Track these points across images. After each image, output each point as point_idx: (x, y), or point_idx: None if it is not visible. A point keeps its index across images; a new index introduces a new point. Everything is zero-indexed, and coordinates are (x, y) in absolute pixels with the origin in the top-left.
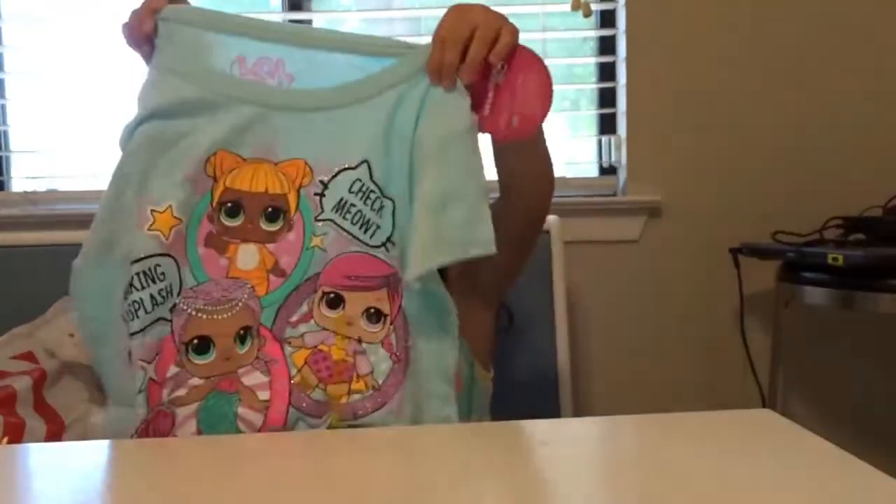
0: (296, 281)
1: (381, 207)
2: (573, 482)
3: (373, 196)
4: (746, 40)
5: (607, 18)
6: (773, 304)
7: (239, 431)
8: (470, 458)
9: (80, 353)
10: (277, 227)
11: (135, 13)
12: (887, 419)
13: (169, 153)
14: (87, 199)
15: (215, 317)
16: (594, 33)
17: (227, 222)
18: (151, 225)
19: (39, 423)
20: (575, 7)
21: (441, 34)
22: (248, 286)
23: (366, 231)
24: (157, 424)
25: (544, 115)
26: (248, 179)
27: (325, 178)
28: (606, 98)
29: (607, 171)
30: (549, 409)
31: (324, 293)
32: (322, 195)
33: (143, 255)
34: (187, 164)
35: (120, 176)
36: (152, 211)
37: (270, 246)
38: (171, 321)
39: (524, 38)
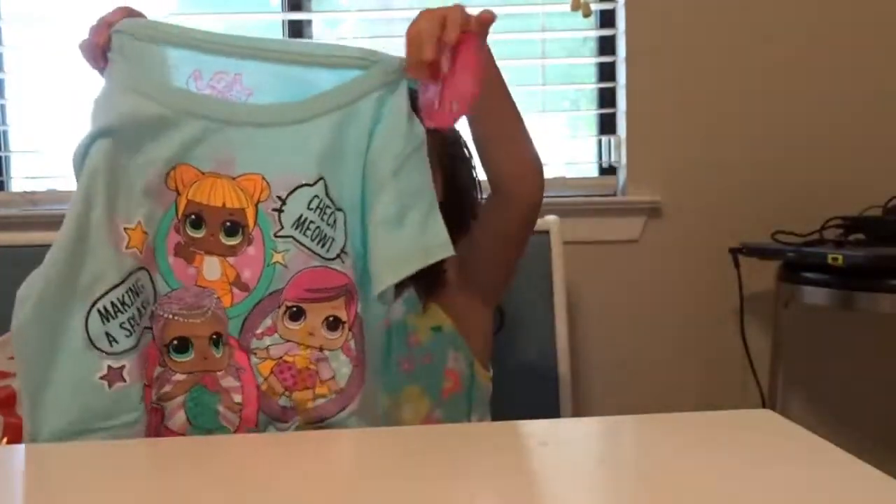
0: (259, 295)
1: (335, 220)
2: (573, 482)
3: (328, 211)
4: (746, 40)
5: (607, 18)
6: (773, 304)
7: (223, 426)
8: (470, 458)
9: None
10: (237, 242)
11: (91, 28)
12: (887, 419)
13: (129, 170)
14: None
15: (190, 320)
16: (594, 33)
17: (192, 233)
18: (128, 243)
19: None
20: (575, 7)
21: (412, 30)
22: (215, 296)
23: (323, 245)
24: (149, 422)
25: (475, 92)
26: (207, 193)
27: (283, 194)
28: (606, 98)
29: (607, 171)
30: (549, 409)
31: (287, 307)
32: (280, 211)
33: (127, 274)
34: (149, 180)
35: (83, 197)
36: (125, 229)
37: (231, 259)
38: (150, 328)
39: (524, 38)
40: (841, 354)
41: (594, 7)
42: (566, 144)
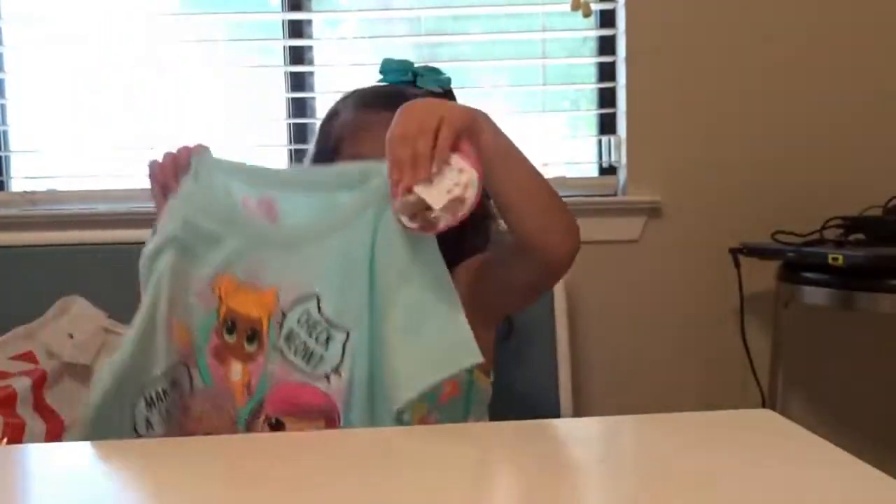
0: (256, 400)
1: (329, 339)
2: (573, 482)
3: (318, 328)
4: (746, 40)
5: (607, 18)
6: (773, 304)
7: None
8: (469, 457)
9: (80, 353)
10: (254, 349)
11: (169, 154)
12: (887, 419)
13: (187, 275)
14: (87, 199)
15: (214, 418)
16: (594, 33)
17: (227, 338)
18: (175, 339)
19: (39, 424)
20: (575, 7)
21: (389, 138)
22: (234, 397)
23: (308, 361)
24: None
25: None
26: (241, 302)
27: (286, 309)
28: (606, 98)
29: (607, 171)
30: (549, 409)
31: (267, 417)
32: (280, 324)
33: (170, 367)
34: (200, 286)
35: (152, 300)
36: (178, 326)
37: (249, 366)
38: (178, 416)
39: (524, 38)
40: (841, 354)
41: (594, 7)
42: (566, 144)
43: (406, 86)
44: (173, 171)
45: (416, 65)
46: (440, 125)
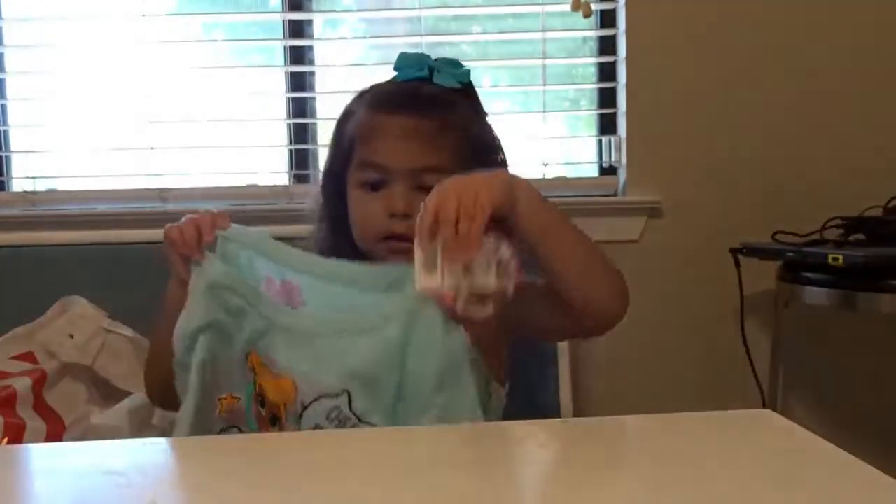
0: None
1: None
2: (573, 482)
3: (349, 423)
4: (746, 40)
5: (607, 18)
6: (773, 304)
7: None
8: (469, 458)
9: (80, 353)
10: (276, 432)
11: (193, 222)
12: (887, 419)
13: (225, 354)
14: (87, 199)
15: None
16: (594, 33)
17: (261, 411)
18: (220, 411)
19: (40, 424)
20: (575, 7)
21: (420, 226)
22: None
23: None
24: None
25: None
26: (266, 382)
27: (306, 401)
28: (606, 98)
29: (607, 171)
30: (549, 409)
31: None
32: (300, 416)
33: (222, 427)
34: (237, 360)
35: (200, 385)
36: (219, 399)
37: None
38: None
39: (524, 38)
40: (841, 354)
41: (594, 7)
42: (566, 144)
43: (422, 82)
44: (197, 242)
45: (434, 58)
46: (476, 205)
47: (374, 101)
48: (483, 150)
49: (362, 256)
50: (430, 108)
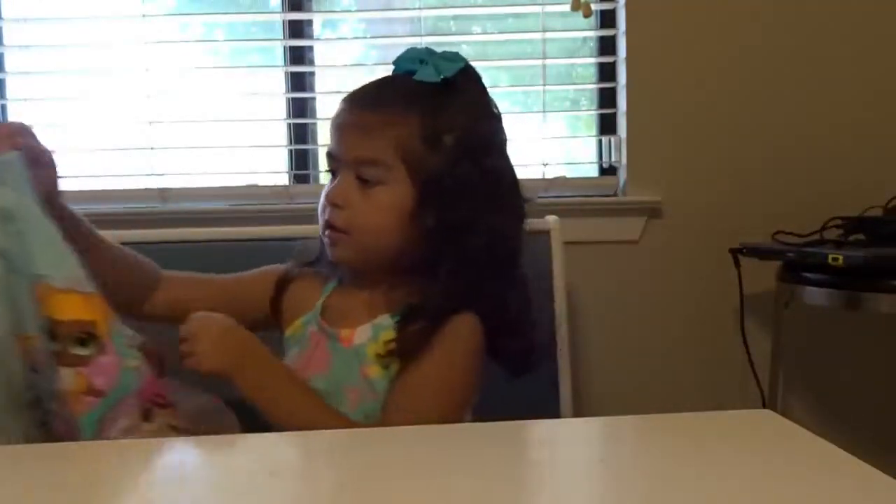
0: (112, 399)
1: None
2: (573, 482)
3: None
4: (746, 40)
5: (607, 18)
6: (773, 304)
7: None
8: (469, 458)
9: None
10: (90, 352)
11: None
12: (887, 419)
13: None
14: (87, 199)
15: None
16: (594, 33)
17: (50, 346)
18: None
19: None
20: (575, 7)
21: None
22: (69, 406)
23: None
24: None
25: None
26: (61, 309)
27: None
28: (606, 98)
29: (607, 171)
30: (549, 409)
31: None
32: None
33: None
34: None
35: None
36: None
37: (83, 369)
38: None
39: (524, 38)
40: (841, 354)
41: (594, 7)
42: (566, 144)
43: (406, 75)
44: None
45: (434, 52)
46: (191, 361)
47: (346, 97)
48: (453, 147)
49: None
50: (377, 102)
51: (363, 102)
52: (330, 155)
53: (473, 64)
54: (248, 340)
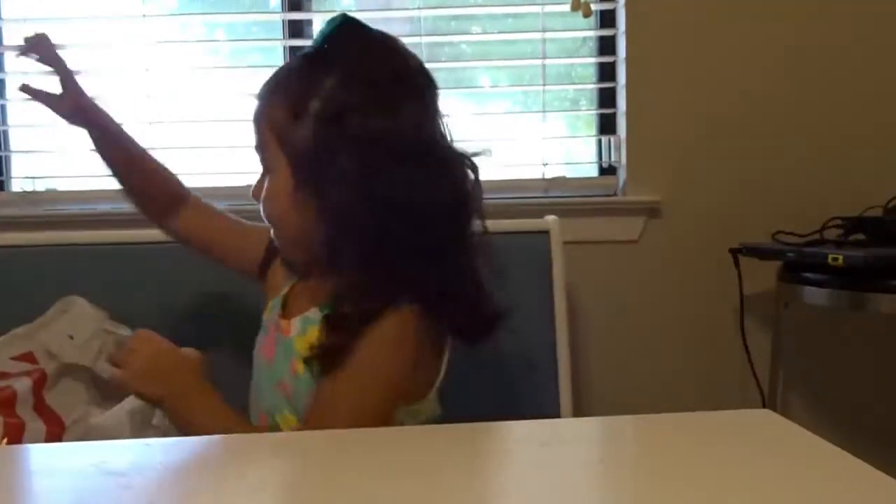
0: None
1: None
2: (573, 482)
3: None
4: (746, 40)
5: (607, 18)
6: (773, 304)
7: None
8: (469, 457)
9: (80, 354)
10: None
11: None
12: (887, 419)
13: None
14: (87, 199)
15: None
16: (594, 33)
17: None
18: None
19: (39, 424)
20: (575, 7)
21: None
22: None
23: None
24: None
25: None
26: None
27: None
28: (606, 98)
29: (607, 171)
30: (549, 409)
31: None
32: None
33: None
34: None
35: None
36: None
37: None
38: None
39: (524, 38)
40: (841, 354)
41: (594, 7)
42: (566, 144)
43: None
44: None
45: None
46: (121, 381)
47: None
48: (317, 113)
49: None
50: (262, 90)
51: (258, 94)
52: None
53: (473, 64)
54: (180, 369)
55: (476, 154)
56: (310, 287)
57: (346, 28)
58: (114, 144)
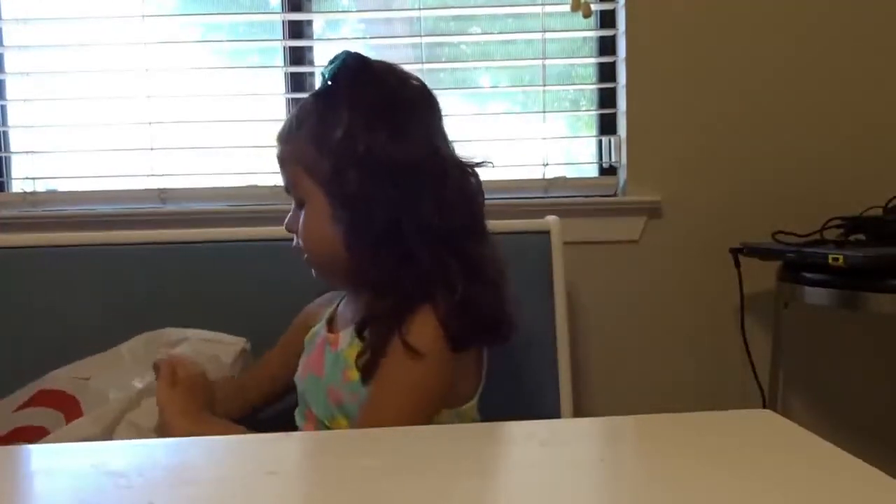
0: None
1: None
2: (573, 482)
3: None
4: (746, 40)
5: (607, 19)
6: (773, 304)
7: None
8: (470, 457)
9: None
10: None
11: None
12: (887, 419)
13: None
14: (87, 199)
15: None
16: (594, 34)
17: None
18: None
19: None
20: (575, 8)
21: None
22: None
23: None
24: None
25: None
26: None
27: None
28: (606, 98)
29: (607, 171)
30: (549, 409)
31: None
32: None
33: None
34: None
35: None
36: None
37: None
38: None
39: (524, 39)
40: (841, 354)
41: (594, 7)
42: (566, 144)
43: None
44: None
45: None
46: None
47: None
48: (339, 142)
49: None
50: (283, 131)
51: (278, 138)
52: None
53: (473, 64)
54: (202, 393)
55: (479, 164)
56: (354, 304)
57: (349, 63)
58: None
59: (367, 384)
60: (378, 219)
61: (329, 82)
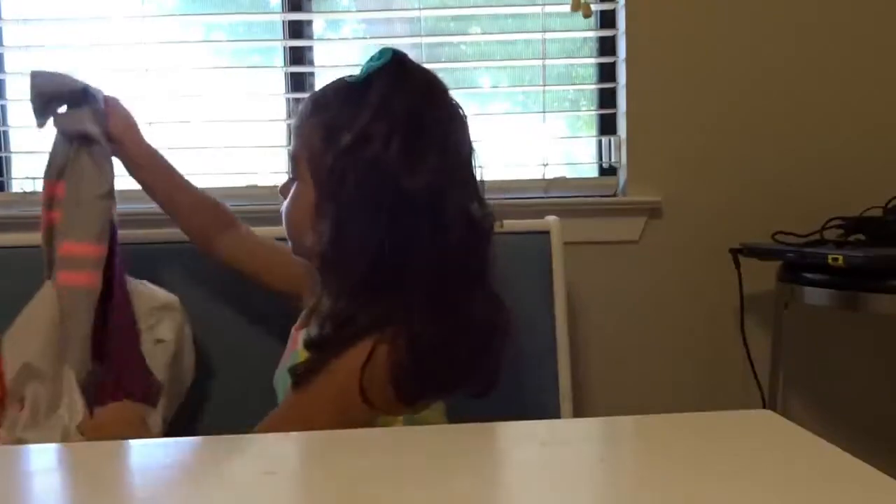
0: None
1: None
2: (573, 482)
3: None
4: (746, 41)
5: (607, 19)
6: (773, 304)
7: None
8: (469, 457)
9: None
10: None
11: None
12: (887, 419)
13: None
14: None
15: None
16: (594, 34)
17: None
18: None
19: None
20: (575, 8)
21: None
22: None
23: None
24: None
25: None
26: None
27: None
28: (606, 98)
29: (607, 171)
30: (549, 409)
31: None
32: None
33: None
34: None
35: None
36: None
37: None
38: None
39: (524, 39)
40: (841, 354)
41: (594, 8)
42: (566, 144)
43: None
44: None
45: (384, 52)
46: None
47: None
48: (346, 145)
49: None
50: (306, 105)
51: (301, 106)
52: None
53: (473, 64)
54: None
55: (489, 214)
56: (314, 291)
57: (391, 64)
58: (156, 175)
59: (295, 392)
60: (358, 235)
61: (366, 75)
